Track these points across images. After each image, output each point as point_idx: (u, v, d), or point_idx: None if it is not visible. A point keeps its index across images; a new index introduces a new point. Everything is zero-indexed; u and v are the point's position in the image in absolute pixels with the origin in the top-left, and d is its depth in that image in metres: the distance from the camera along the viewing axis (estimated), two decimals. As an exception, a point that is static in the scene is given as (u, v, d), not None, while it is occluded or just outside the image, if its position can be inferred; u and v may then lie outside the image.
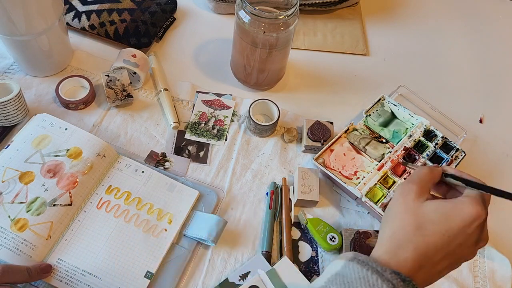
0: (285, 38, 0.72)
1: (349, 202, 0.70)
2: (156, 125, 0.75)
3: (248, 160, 0.73)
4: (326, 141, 0.73)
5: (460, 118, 0.80)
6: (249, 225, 0.67)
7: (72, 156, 0.65)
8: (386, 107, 0.78)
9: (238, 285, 0.59)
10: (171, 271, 0.60)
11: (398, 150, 0.72)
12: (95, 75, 0.79)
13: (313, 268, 0.64)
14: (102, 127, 0.74)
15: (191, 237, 0.63)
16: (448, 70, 0.91)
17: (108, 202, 0.64)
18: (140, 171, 0.67)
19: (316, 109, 0.81)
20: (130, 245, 0.61)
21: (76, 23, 0.83)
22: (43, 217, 0.59)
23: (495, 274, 0.66)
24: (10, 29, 0.67)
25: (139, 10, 0.84)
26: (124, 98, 0.74)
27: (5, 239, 0.57)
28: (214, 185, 0.70)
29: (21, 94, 0.69)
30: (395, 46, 0.94)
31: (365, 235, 0.64)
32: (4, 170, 0.62)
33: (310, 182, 0.68)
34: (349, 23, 0.95)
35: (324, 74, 0.87)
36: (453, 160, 0.71)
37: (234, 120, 0.77)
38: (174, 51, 0.86)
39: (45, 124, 0.68)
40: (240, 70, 0.80)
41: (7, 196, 0.60)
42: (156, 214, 0.64)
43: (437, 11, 1.02)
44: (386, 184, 0.69)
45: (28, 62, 0.75)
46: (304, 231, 0.67)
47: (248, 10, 0.68)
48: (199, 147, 0.73)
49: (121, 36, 0.82)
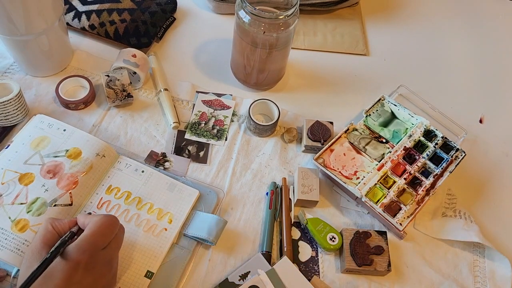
0: (285, 38, 0.72)
1: (349, 202, 0.70)
2: (156, 125, 0.75)
3: (248, 160, 0.73)
4: (326, 141, 0.73)
5: (460, 118, 0.80)
6: (249, 225, 0.67)
7: (71, 157, 0.65)
8: (386, 107, 0.78)
9: (238, 285, 0.59)
10: (171, 271, 0.60)
11: (398, 150, 0.72)
12: (95, 75, 0.79)
13: (313, 268, 0.64)
14: (102, 127, 0.74)
15: (191, 237, 0.63)
16: (448, 70, 0.91)
17: (108, 202, 0.64)
18: (140, 171, 0.67)
19: (316, 109, 0.81)
20: (131, 244, 0.61)
21: (76, 23, 0.83)
22: (44, 218, 0.59)
23: (495, 274, 0.66)
24: (10, 29, 0.67)
25: (139, 10, 0.84)
26: (124, 98, 0.74)
27: (6, 240, 0.57)
28: (214, 185, 0.70)
29: (21, 94, 0.69)
30: (395, 46, 0.94)
31: (365, 235, 0.64)
32: (4, 172, 0.62)
33: (310, 182, 0.68)
34: (349, 23, 0.95)
35: (324, 74, 0.87)
36: (453, 160, 0.71)
37: (234, 120, 0.77)
38: (174, 51, 0.86)
39: (43, 126, 0.68)
40: (240, 70, 0.80)
41: (7, 198, 0.60)
42: (156, 214, 0.64)
43: (437, 11, 1.02)
44: (386, 184, 0.69)
45: (28, 62, 0.76)
46: (304, 231, 0.67)
47: (248, 10, 0.68)
48: (199, 147, 0.73)
49: (121, 36, 0.82)
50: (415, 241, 0.68)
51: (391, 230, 0.68)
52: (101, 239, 0.50)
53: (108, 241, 0.51)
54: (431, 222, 0.69)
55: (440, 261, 0.66)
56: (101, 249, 0.50)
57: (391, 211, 0.67)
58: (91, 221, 0.51)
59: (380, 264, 0.62)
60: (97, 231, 0.50)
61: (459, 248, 0.68)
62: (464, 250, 0.68)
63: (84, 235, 0.49)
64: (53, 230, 0.51)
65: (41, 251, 0.49)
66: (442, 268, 0.66)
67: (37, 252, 0.49)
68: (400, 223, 0.65)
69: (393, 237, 0.68)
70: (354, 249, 0.63)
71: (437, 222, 0.69)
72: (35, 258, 0.48)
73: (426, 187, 0.68)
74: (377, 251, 0.63)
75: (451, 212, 0.70)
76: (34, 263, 0.47)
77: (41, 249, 0.49)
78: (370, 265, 0.62)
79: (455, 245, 0.68)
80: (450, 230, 0.68)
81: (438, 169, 0.70)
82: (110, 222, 0.51)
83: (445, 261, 0.67)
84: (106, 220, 0.51)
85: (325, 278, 0.63)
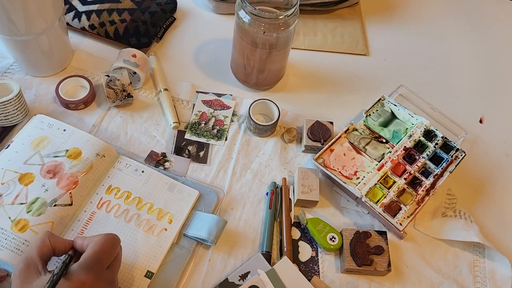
0: (285, 38, 0.72)
1: (349, 202, 0.70)
2: (156, 125, 0.75)
3: (248, 160, 0.73)
4: (326, 141, 0.73)
5: (460, 118, 0.80)
6: (249, 225, 0.67)
7: (71, 157, 0.65)
8: (386, 107, 0.78)
9: (238, 285, 0.59)
10: (171, 271, 0.60)
11: (398, 150, 0.72)
12: (95, 75, 0.79)
13: (313, 268, 0.64)
14: (102, 127, 0.74)
15: (191, 237, 0.63)
16: (448, 70, 0.91)
17: (108, 202, 0.64)
18: (140, 171, 0.67)
19: (316, 109, 0.81)
20: (131, 244, 0.61)
21: (76, 23, 0.83)
22: (44, 217, 0.59)
23: (495, 274, 0.66)
24: (10, 29, 0.67)
25: (139, 10, 0.84)
26: (124, 98, 0.74)
27: (6, 240, 0.57)
28: (214, 185, 0.70)
29: (21, 94, 0.69)
30: (395, 46, 0.94)
31: (365, 235, 0.64)
32: (4, 172, 0.62)
33: (310, 182, 0.68)
34: (349, 23, 0.95)
35: (324, 74, 0.87)
36: (453, 160, 0.71)
37: (234, 120, 0.77)
38: (174, 51, 0.86)
39: (43, 126, 0.68)
40: (240, 70, 0.80)
41: (7, 198, 0.60)
42: (156, 214, 0.64)
43: (437, 11, 1.02)
44: (386, 184, 0.69)
45: (28, 62, 0.76)
46: (304, 231, 0.67)
47: (248, 10, 0.68)
48: (199, 147, 0.73)
49: (121, 36, 0.82)
50: (415, 241, 0.68)
51: (391, 230, 0.68)
52: (105, 258, 0.49)
53: (111, 260, 0.50)
54: (431, 222, 0.69)
55: (440, 261, 0.67)
56: (105, 268, 0.49)
57: (391, 211, 0.67)
58: (93, 241, 0.50)
59: (380, 264, 0.62)
60: (100, 250, 0.49)
61: (459, 248, 0.68)
62: (464, 250, 0.68)
63: (87, 255, 0.48)
64: (49, 245, 0.50)
65: (37, 264, 0.48)
66: (442, 268, 0.66)
67: (33, 265, 0.48)
68: (400, 223, 0.65)
69: (393, 237, 0.68)
70: (354, 249, 0.63)
71: (437, 222, 0.69)
72: (31, 271, 0.47)
73: (426, 187, 0.68)
74: (377, 251, 0.63)
75: (451, 212, 0.70)
76: (31, 276, 0.46)
77: (37, 262, 0.48)
78: (370, 265, 0.62)
79: (455, 245, 0.68)
80: (450, 230, 0.68)
81: (438, 169, 0.70)
82: (112, 240, 0.51)
83: (445, 261, 0.67)
84: (108, 238, 0.50)
85: (325, 278, 0.63)
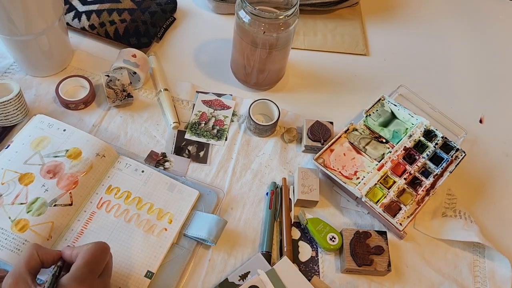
0: (285, 38, 0.72)
1: (349, 202, 0.70)
2: (156, 125, 0.75)
3: (248, 160, 0.73)
4: (326, 141, 0.73)
5: (460, 118, 0.80)
6: (249, 225, 0.67)
7: (71, 157, 0.65)
8: (386, 107, 0.78)
9: (238, 285, 0.59)
10: (171, 271, 0.60)
11: (398, 150, 0.72)
12: (95, 75, 0.79)
13: (313, 268, 0.64)
14: (102, 127, 0.74)
15: (191, 237, 0.63)
16: (448, 70, 0.91)
17: (108, 202, 0.64)
18: (140, 171, 0.67)
19: (316, 109, 0.81)
20: (131, 244, 0.61)
21: (76, 23, 0.83)
22: (44, 218, 0.59)
23: (495, 274, 0.66)
24: (10, 29, 0.67)
25: (139, 10, 0.84)
26: (124, 98, 0.74)
27: (6, 240, 0.57)
28: (214, 185, 0.70)
29: (21, 94, 0.69)
30: (395, 46, 0.94)
31: (365, 235, 0.64)
32: (4, 172, 0.62)
33: (310, 182, 0.68)
34: (349, 23, 0.95)
35: (324, 74, 0.87)
36: (453, 160, 0.71)
37: (234, 120, 0.77)
38: (174, 51, 0.86)
39: (43, 126, 0.68)
40: (240, 70, 0.80)
41: (7, 198, 0.60)
42: (156, 214, 0.64)
43: (437, 11, 1.02)
44: (386, 184, 0.69)
45: (28, 62, 0.76)
46: (304, 231, 0.67)
47: (248, 10, 0.68)
48: (199, 147, 0.73)
49: (121, 36, 0.82)
50: (415, 241, 0.68)
51: (391, 230, 0.68)
52: (96, 267, 0.49)
53: (102, 269, 0.50)
54: (431, 222, 0.69)
55: (440, 261, 0.67)
56: (97, 277, 0.49)
57: (391, 211, 0.67)
58: (82, 250, 0.49)
59: (380, 264, 0.62)
60: (90, 259, 0.48)
61: (459, 248, 0.68)
62: (464, 250, 0.68)
63: (78, 266, 0.48)
64: (37, 257, 0.49)
65: (26, 278, 0.47)
66: (442, 268, 0.66)
67: (22, 280, 0.47)
68: (400, 223, 0.65)
69: (393, 237, 0.68)
70: (354, 249, 0.63)
71: (437, 222, 0.69)
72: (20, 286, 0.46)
73: (426, 187, 0.68)
74: (377, 251, 0.63)
75: (451, 212, 0.70)
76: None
77: (26, 276, 0.47)
78: (370, 265, 0.62)
79: (455, 245, 0.68)
80: (450, 230, 0.68)
81: (438, 169, 0.70)
82: (102, 249, 0.50)
83: (445, 261, 0.67)
84: (98, 247, 0.50)
85: (325, 278, 0.63)
